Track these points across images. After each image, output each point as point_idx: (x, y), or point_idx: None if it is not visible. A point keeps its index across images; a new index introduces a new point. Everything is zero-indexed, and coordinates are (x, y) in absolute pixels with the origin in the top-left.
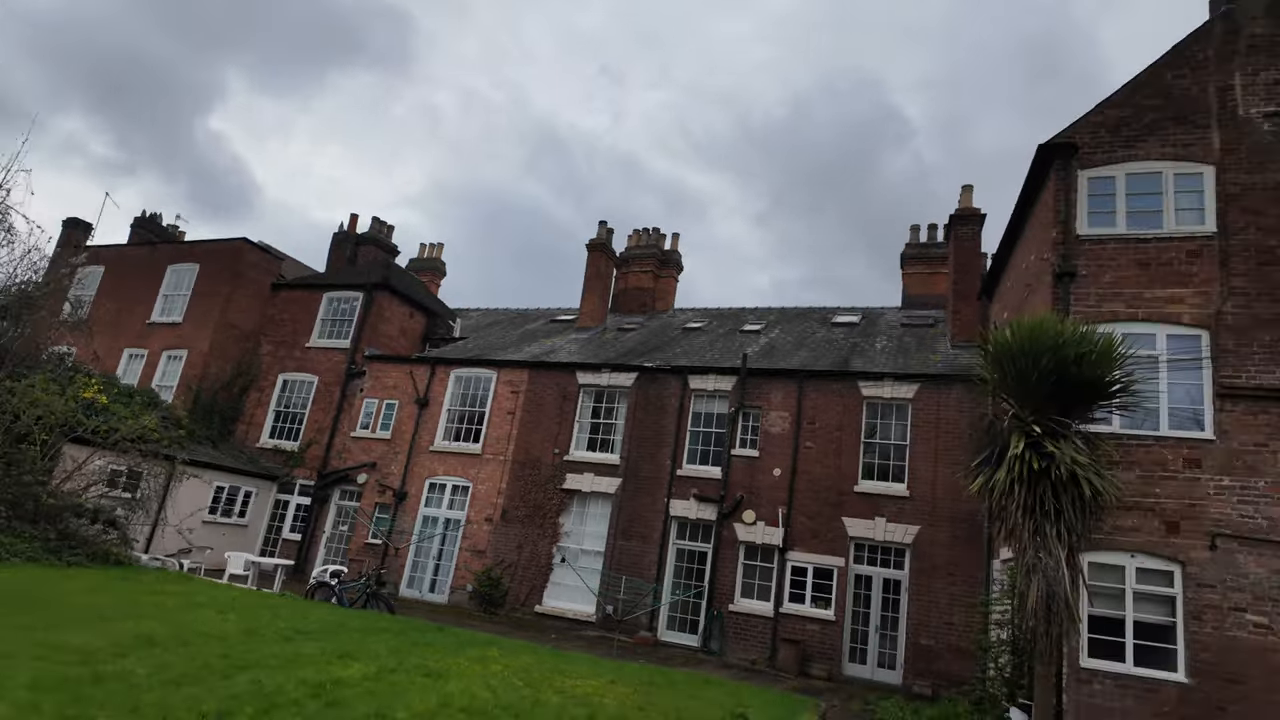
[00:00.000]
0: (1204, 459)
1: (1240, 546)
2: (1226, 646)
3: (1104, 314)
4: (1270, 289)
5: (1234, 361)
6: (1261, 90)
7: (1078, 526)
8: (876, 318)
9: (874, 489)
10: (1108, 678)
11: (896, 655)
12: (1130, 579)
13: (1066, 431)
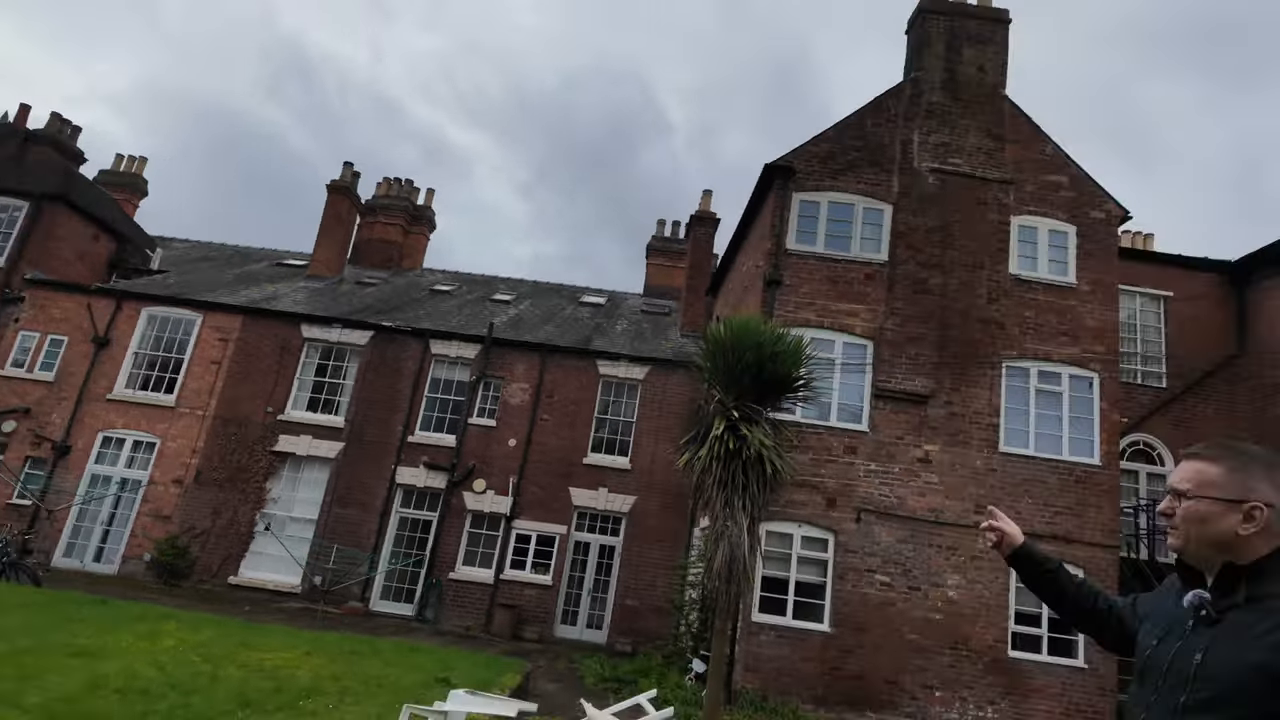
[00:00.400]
0: (859, 447)
1: (877, 519)
2: (859, 601)
3: (799, 319)
4: (919, 313)
5: (887, 369)
6: (931, 149)
7: (760, 499)
8: (620, 301)
9: (601, 461)
10: (772, 629)
11: (605, 616)
12: (797, 545)
13: (759, 418)
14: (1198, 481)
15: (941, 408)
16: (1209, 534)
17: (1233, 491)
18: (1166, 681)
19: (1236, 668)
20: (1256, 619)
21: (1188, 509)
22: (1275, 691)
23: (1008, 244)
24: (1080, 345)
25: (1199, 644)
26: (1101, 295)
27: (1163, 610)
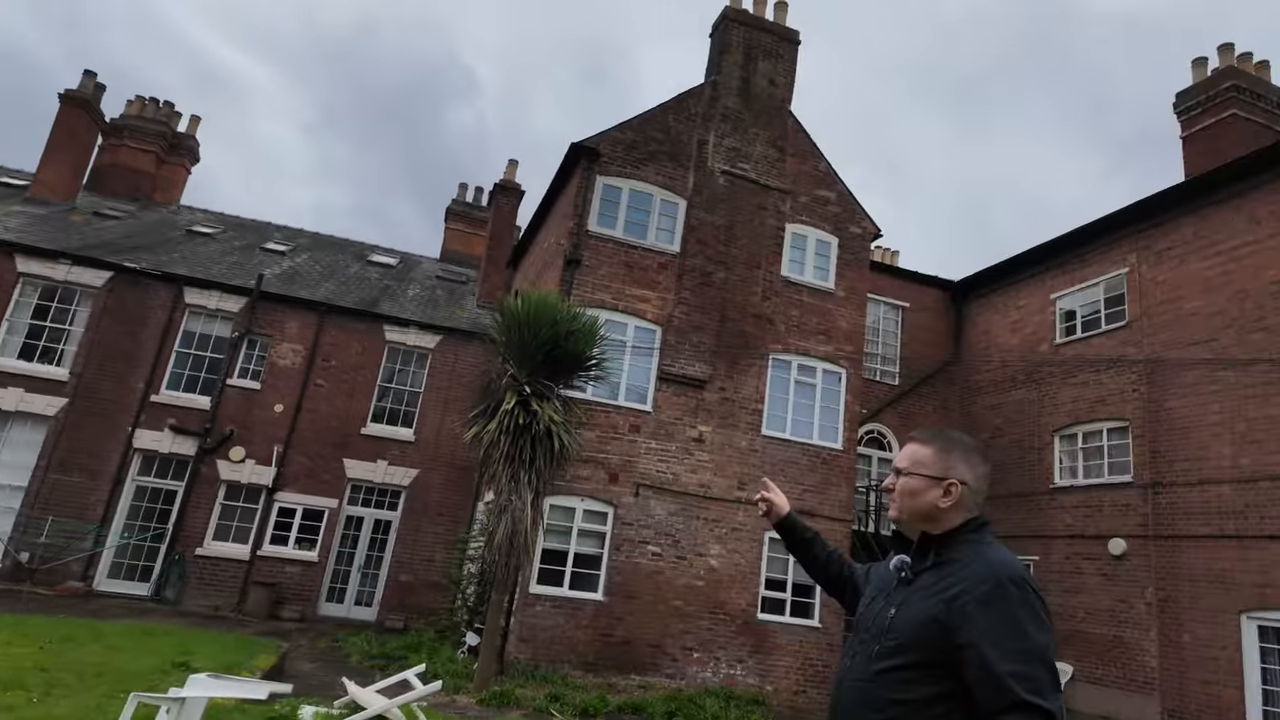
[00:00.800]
0: (642, 426)
1: (654, 494)
2: (632, 571)
3: (595, 300)
4: (702, 304)
5: (671, 354)
6: (724, 152)
7: (546, 474)
8: (414, 264)
9: (382, 432)
10: (549, 600)
11: (376, 593)
12: (578, 519)
13: (551, 394)
14: (912, 460)
15: (716, 392)
16: (917, 506)
17: (937, 470)
18: (869, 633)
19: (918, 619)
20: (938, 578)
21: (904, 484)
22: (942, 636)
23: (782, 248)
24: (834, 344)
25: (896, 600)
26: (854, 301)
27: (880, 575)
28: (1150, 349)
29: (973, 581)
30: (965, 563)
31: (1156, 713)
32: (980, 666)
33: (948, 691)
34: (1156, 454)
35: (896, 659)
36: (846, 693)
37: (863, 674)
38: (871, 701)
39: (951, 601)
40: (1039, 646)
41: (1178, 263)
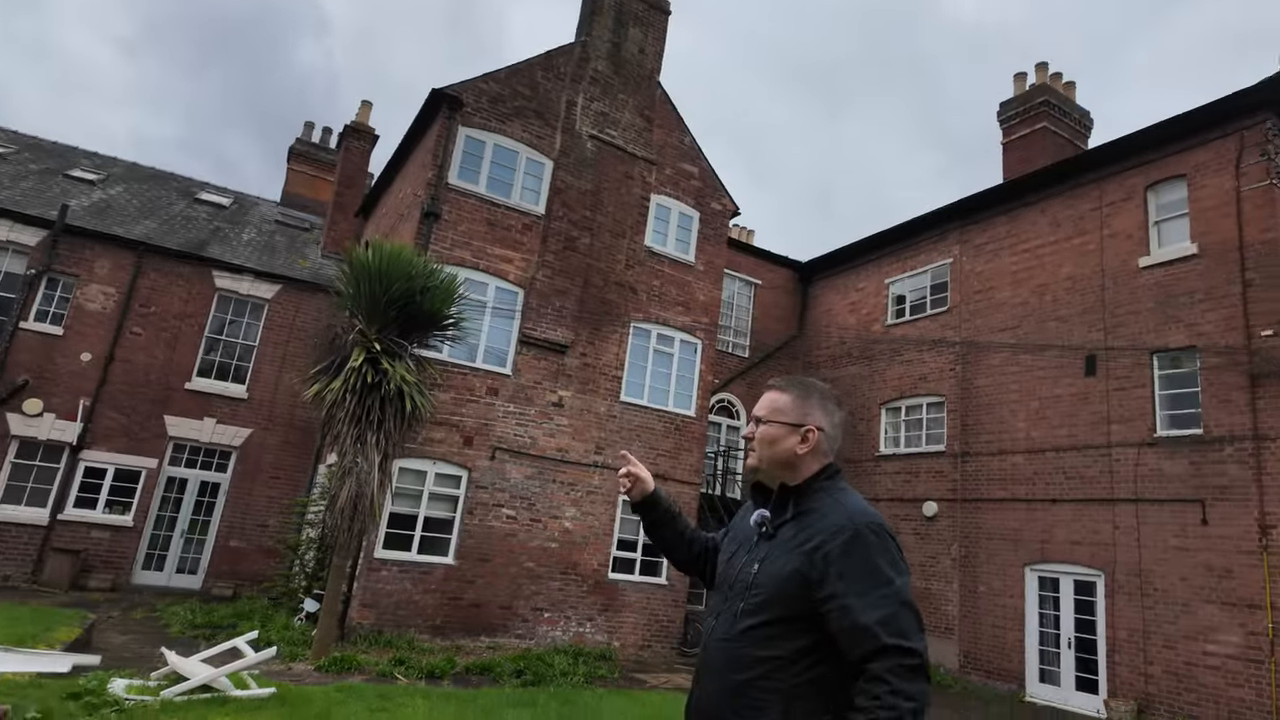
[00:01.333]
0: (500, 389)
1: (510, 458)
2: (485, 534)
3: (454, 257)
4: (566, 269)
5: (534, 317)
6: (592, 116)
7: (396, 436)
8: (251, 206)
9: (210, 388)
10: (395, 565)
11: (202, 560)
12: (430, 482)
13: (403, 352)
14: (771, 408)
15: (577, 358)
16: (776, 454)
17: (795, 417)
18: (732, 590)
19: (779, 575)
20: (796, 531)
21: (764, 431)
22: (804, 590)
23: (646, 218)
24: (692, 315)
25: (758, 556)
26: (712, 275)
27: (740, 529)
28: (966, 333)
29: (831, 532)
30: (823, 513)
31: (955, 655)
32: (845, 617)
33: (813, 644)
34: (966, 427)
35: (761, 615)
36: (714, 653)
37: (728, 633)
38: (738, 660)
39: (812, 553)
40: (899, 589)
41: (992, 257)
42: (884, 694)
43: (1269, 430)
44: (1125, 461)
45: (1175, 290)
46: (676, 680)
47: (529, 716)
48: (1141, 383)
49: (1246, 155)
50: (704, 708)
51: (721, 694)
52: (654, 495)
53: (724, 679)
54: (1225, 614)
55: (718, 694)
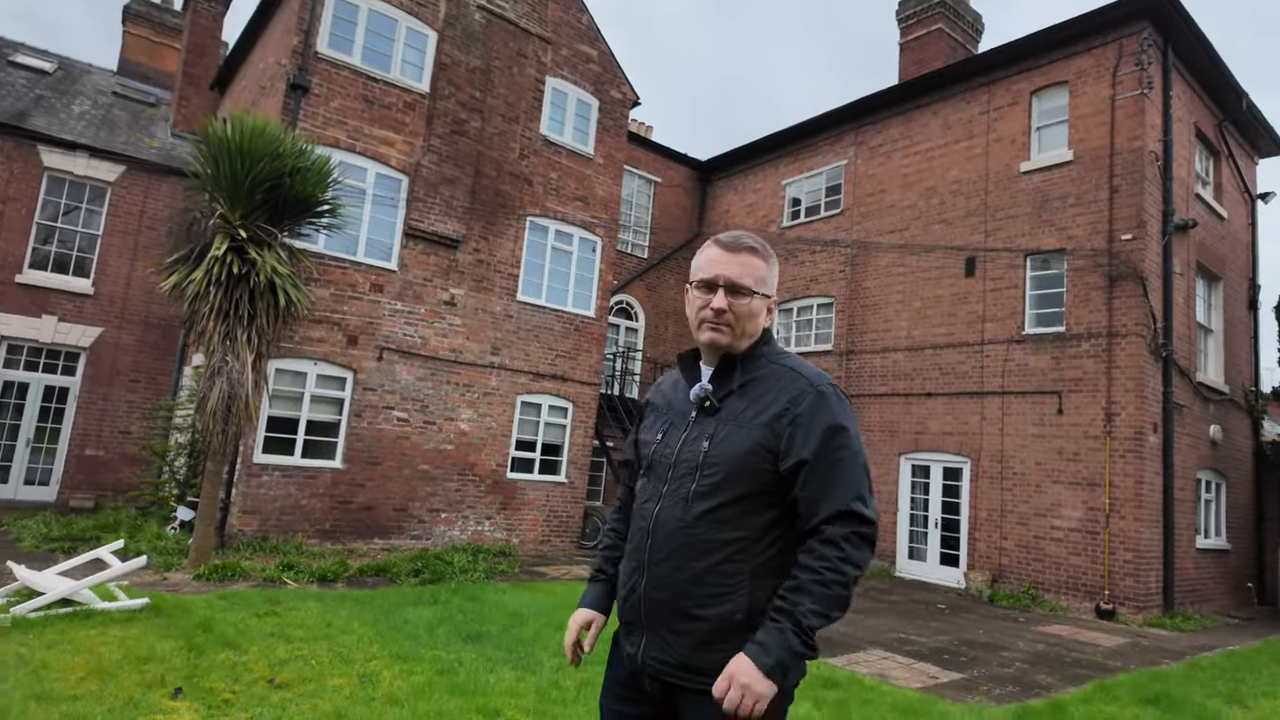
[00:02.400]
0: (386, 285)
1: (399, 358)
2: (374, 438)
3: (327, 137)
4: (455, 155)
5: (421, 208)
6: None
7: (269, 333)
8: (81, 75)
9: (47, 282)
10: (277, 470)
11: (55, 470)
12: (311, 384)
13: (272, 241)
14: (755, 278)
15: (470, 254)
16: (754, 329)
17: (770, 288)
18: (676, 471)
19: (738, 451)
20: (747, 404)
21: (751, 306)
22: (767, 461)
23: (541, 104)
24: (591, 211)
25: (705, 433)
26: (612, 170)
27: (667, 404)
28: (858, 235)
29: (792, 397)
30: (774, 379)
31: None
32: (810, 481)
33: (776, 519)
34: (853, 327)
35: (720, 495)
36: (663, 540)
37: (681, 517)
38: (698, 546)
39: (774, 422)
40: (859, 452)
41: (886, 159)
42: (834, 558)
43: (1120, 327)
44: (995, 357)
45: (1051, 195)
46: (576, 571)
47: (431, 614)
48: (1014, 283)
49: (1123, 64)
50: (656, 599)
51: (680, 583)
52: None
53: (682, 567)
54: (1070, 492)
55: (675, 583)
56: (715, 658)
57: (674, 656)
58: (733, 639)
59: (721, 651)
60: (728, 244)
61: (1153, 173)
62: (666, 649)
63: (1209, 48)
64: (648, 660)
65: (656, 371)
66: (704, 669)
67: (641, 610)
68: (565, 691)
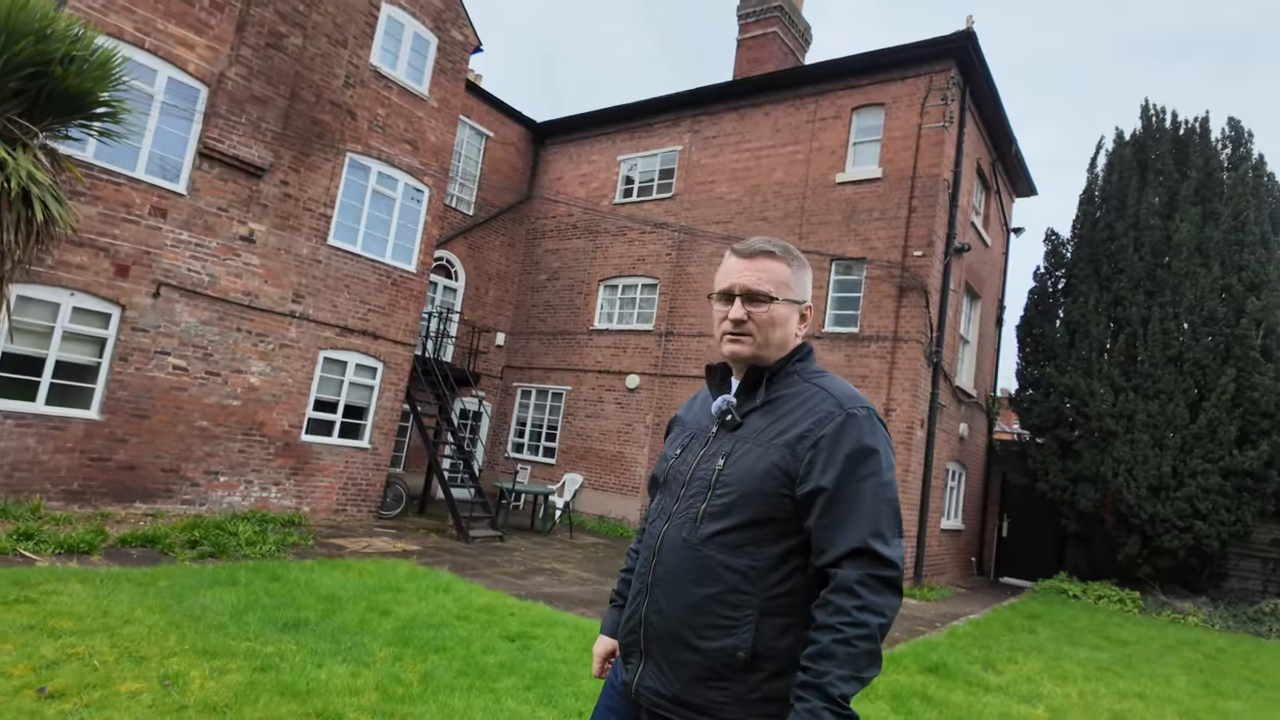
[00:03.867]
0: (171, 210)
1: (181, 297)
2: (144, 386)
3: (108, 24)
4: (269, 72)
5: (221, 126)
6: None
7: (17, 252)
8: None
9: None
10: (12, 417)
11: None
12: (64, 317)
13: (30, 141)
14: (777, 282)
15: (277, 186)
16: (782, 338)
17: (798, 292)
18: (689, 489)
19: (754, 471)
20: (771, 420)
21: (772, 313)
22: (784, 485)
23: (374, 31)
24: (420, 157)
25: (722, 450)
26: (447, 115)
27: (691, 419)
28: (686, 221)
29: (818, 419)
30: (803, 398)
31: (638, 510)
32: (826, 510)
33: (791, 550)
34: (674, 309)
35: (730, 518)
36: (669, 562)
37: (687, 539)
38: (703, 571)
39: (795, 444)
40: (888, 484)
41: (718, 151)
42: (852, 609)
43: (904, 334)
44: None
45: (860, 207)
46: (378, 545)
47: (233, 597)
48: (820, 284)
49: (931, 97)
50: (655, 624)
51: (682, 610)
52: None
53: (685, 593)
54: None
55: (676, 610)
56: (713, 696)
57: (669, 689)
58: (733, 679)
59: (720, 690)
60: (742, 251)
61: (944, 199)
62: (662, 680)
63: (996, 95)
64: (642, 690)
65: (474, 336)
66: (700, 707)
67: (640, 635)
68: (409, 687)
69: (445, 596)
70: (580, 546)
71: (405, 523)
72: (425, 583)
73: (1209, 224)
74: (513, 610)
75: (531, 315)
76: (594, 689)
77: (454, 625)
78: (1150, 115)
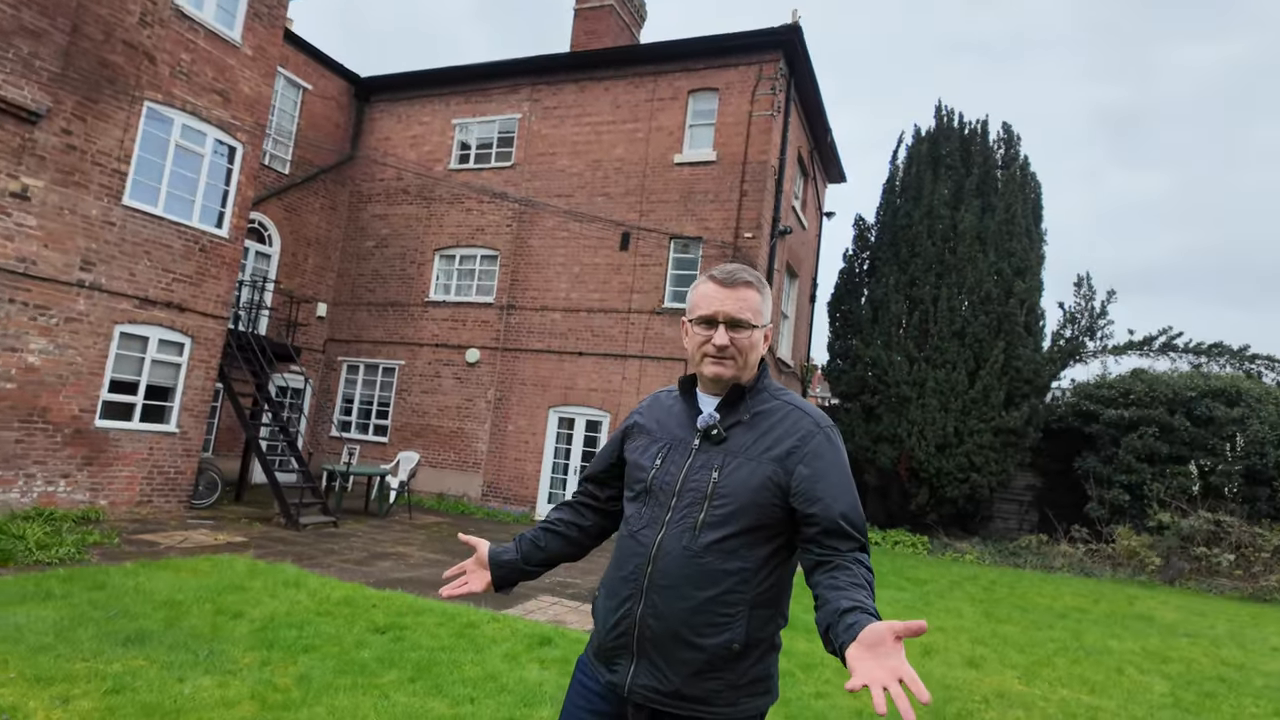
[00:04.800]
0: None
1: None
2: None
3: None
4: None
5: None
6: None
7: None
8: None
9: None
10: None
11: None
12: None
13: None
14: (754, 311)
15: (58, 135)
16: (755, 359)
17: (766, 318)
18: (681, 500)
19: (750, 484)
20: (755, 437)
21: (752, 339)
22: (777, 496)
23: None
24: (232, 110)
25: (713, 463)
26: (263, 66)
27: (659, 427)
28: (527, 192)
29: (801, 436)
30: (781, 415)
31: (479, 485)
32: (815, 511)
33: (775, 550)
34: (515, 282)
35: (730, 527)
36: (667, 568)
37: (688, 547)
38: (703, 576)
39: (784, 459)
40: (852, 485)
41: (559, 122)
42: (858, 569)
43: None
44: (639, 325)
45: (696, 188)
46: (198, 539)
47: (54, 613)
48: (660, 261)
49: (761, 85)
50: (654, 627)
51: (682, 612)
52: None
53: (685, 596)
54: None
55: (676, 612)
56: (709, 686)
57: (667, 685)
58: (726, 669)
59: (716, 680)
60: (724, 280)
61: (771, 185)
62: (659, 677)
63: (817, 87)
64: (636, 689)
65: (293, 307)
66: (697, 698)
67: (634, 638)
68: (286, 692)
69: (297, 592)
70: (422, 527)
71: (222, 512)
72: (271, 579)
73: (987, 215)
74: (374, 601)
75: (358, 285)
76: (479, 675)
77: (316, 622)
78: (942, 115)
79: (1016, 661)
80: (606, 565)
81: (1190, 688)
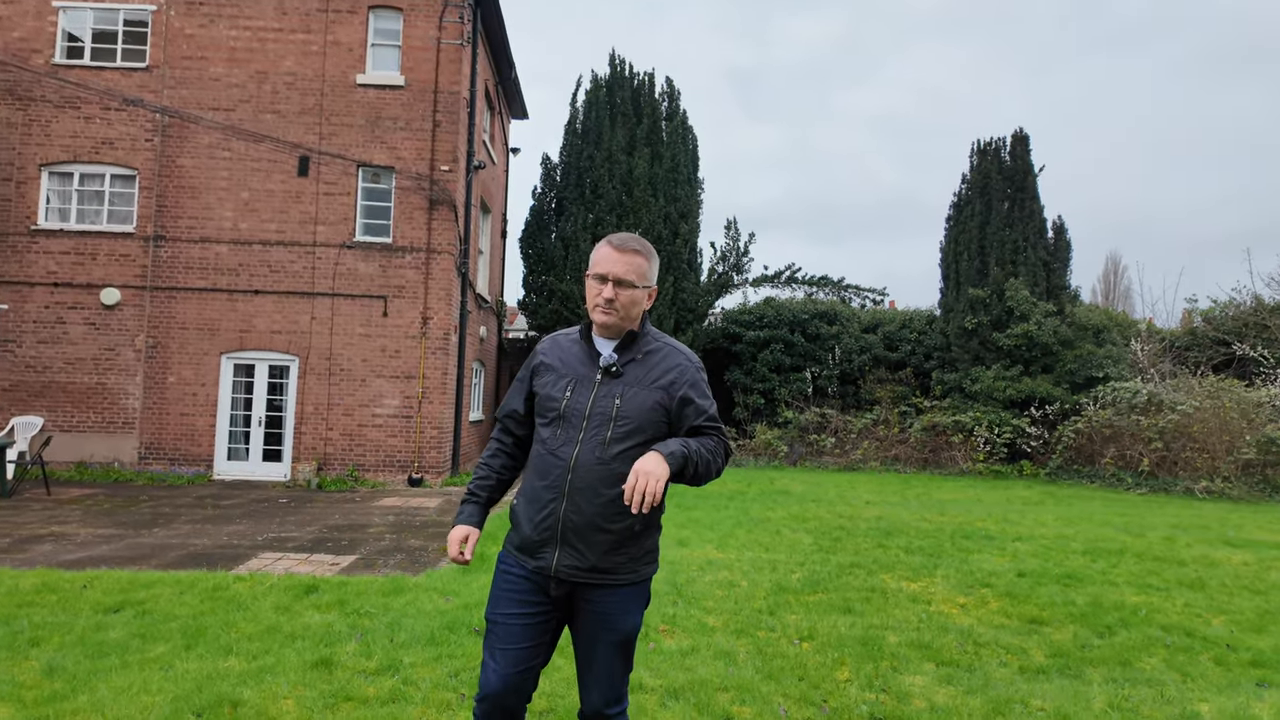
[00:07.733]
0: None
1: None
2: None
3: None
4: None
5: None
6: None
7: None
8: None
9: None
10: None
11: None
12: None
13: None
14: (639, 274)
15: None
16: (635, 313)
17: (650, 280)
18: (591, 422)
19: (644, 406)
20: (645, 370)
21: (632, 295)
22: (662, 415)
23: None
24: None
25: (614, 392)
26: None
27: (562, 366)
28: (171, 102)
29: (681, 370)
30: (663, 354)
31: (134, 448)
32: (691, 407)
33: None
34: (163, 209)
35: (633, 440)
36: (583, 475)
37: (600, 457)
38: (612, 478)
39: (669, 387)
40: (711, 397)
41: (209, 22)
42: (715, 442)
43: (437, 245)
44: (327, 260)
45: (384, 113)
46: None
47: None
48: (348, 190)
49: (448, 13)
50: (574, 520)
51: (597, 506)
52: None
53: (598, 494)
54: (391, 384)
55: (592, 507)
56: (618, 559)
57: (585, 562)
58: (629, 546)
59: (621, 555)
60: (618, 246)
61: (464, 116)
62: (579, 557)
63: (502, 21)
64: (561, 568)
65: None
66: (609, 569)
67: (558, 530)
68: (41, 688)
69: None
70: (71, 502)
71: None
72: None
73: (656, 163)
74: (82, 583)
75: None
76: (260, 630)
77: (24, 615)
78: (616, 64)
79: (710, 537)
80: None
81: (824, 536)
